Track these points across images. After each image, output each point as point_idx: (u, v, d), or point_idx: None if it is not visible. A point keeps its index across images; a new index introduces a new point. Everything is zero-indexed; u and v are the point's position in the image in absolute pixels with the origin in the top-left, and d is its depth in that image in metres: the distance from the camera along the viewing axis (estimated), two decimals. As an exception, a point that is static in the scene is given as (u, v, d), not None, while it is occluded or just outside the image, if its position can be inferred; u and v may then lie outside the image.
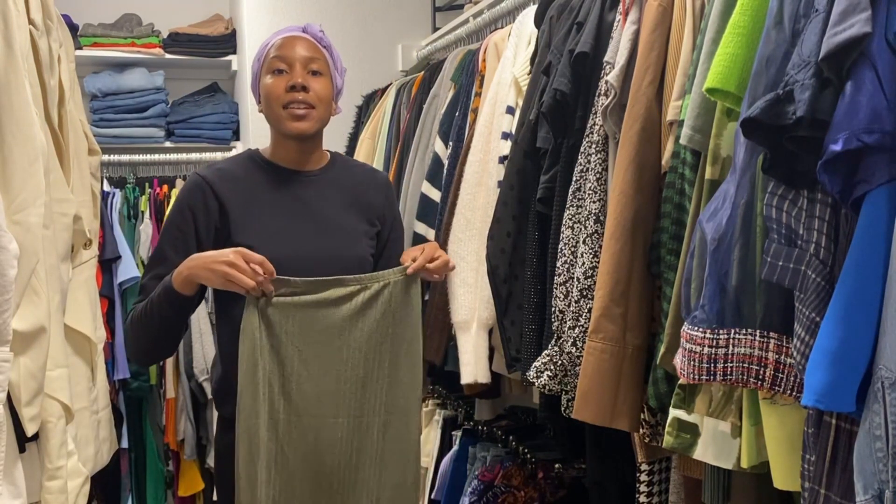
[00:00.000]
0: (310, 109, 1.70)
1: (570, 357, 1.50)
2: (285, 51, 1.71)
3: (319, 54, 1.74)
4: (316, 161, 1.80)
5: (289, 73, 1.70)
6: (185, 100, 3.49)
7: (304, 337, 1.64)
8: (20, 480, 1.29)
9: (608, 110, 1.47)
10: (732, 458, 1.22)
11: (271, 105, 1.71)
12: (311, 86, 1.70)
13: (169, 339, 1.72)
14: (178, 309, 1.64)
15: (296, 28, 1.78)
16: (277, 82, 1.70)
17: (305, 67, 1.71)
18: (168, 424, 3.19)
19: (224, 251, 1.57)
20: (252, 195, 1.73)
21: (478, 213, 1.92)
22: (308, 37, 1.76)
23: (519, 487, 2.11)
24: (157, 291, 1.63)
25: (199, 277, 1.58)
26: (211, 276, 1.56)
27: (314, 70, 1.72)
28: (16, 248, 1.21)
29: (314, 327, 1.65)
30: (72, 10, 3.03)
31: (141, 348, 1.74)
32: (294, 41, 1.73)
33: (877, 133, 0.87)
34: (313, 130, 1.73)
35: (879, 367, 0.88)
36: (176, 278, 1.59)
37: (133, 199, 3.25)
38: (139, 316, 1.66)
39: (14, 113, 1.27)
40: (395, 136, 2.68)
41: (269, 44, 1.76)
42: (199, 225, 1.70)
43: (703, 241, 1.11)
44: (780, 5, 1.04)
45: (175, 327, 1.70)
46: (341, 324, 1.66)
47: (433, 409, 2.66)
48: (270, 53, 1.73)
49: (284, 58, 1.71)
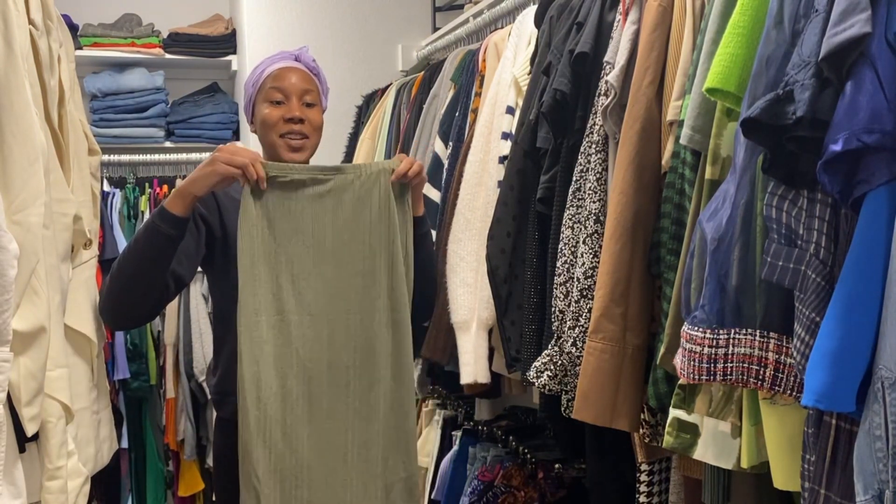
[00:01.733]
0: (304, 140, 1.81)
1: (570, 357, 1.50)
2: (282, 82, 1.81)
3: (313, 85, 1.85)
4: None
5: (286, 104, 1.80)
6: (185, 100, 3.49)
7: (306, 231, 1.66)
8: (20, 480, 1.29)
9: (608, 110, 1.47)
10: (732, 458, 1.22)
11: (268, 133, 1.81)
12: (307, 116, 1.81)
13: (147, 285, 1.64)
14: (163, 241, 1.60)
15: (289, 56, 1.87)
16: (274, 112, 1.80)
17: (301, 99, 1.82)
18: (168, 424, 3.19)
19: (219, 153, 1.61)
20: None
21: (478, 213, 1.92)
22: (302, 67, 1.86)
23: (519, 487, 2.11)
24: (144, 222, 1.63)
25: (194, 185, 1.60)
26: (203, 176, 1.60)
27: (308, 102, 1.83)
28: (16, 248, 1.21)
29: (317, 220, 1.66)
30: (72, 10, 3.03)
31: (114, 296, 1.65)
32: (290, 72, 1.83)
33: (877, 133, 0.87)
34: (307, 159, 1.84)
35: (879, 367, 0.88)
36: (169, 197, 1.62)
37: (133, 199, 3.25)
38: (117, 263, 1.65)
39: (14, 113, 1.27)
40: (395, 137, 2.68)
41: (263, 71, 1.85)
42: (202, 216, 1.75)
43: (703, 241, 1.11)
44: (780, 5, 1.04)
45: (152, 270, 1.62)
46: (344, 214, 1.68)
47: (433, 409, 2.66)
48: (267, 83, 1.82)
49: (281, 89, 1.80)
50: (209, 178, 1.61)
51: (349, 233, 1.67)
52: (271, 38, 3.28)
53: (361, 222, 1.68)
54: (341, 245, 1.67)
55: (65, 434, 1.41)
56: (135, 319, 1.83)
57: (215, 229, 1.77)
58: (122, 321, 1.90)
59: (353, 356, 1.68)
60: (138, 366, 3.05)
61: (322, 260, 1.66)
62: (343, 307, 1.68)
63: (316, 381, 1.66)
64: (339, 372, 1.67)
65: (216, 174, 1.60)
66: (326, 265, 1.67)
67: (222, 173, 1.60)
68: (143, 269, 1.62)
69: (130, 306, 1.67)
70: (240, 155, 1.61)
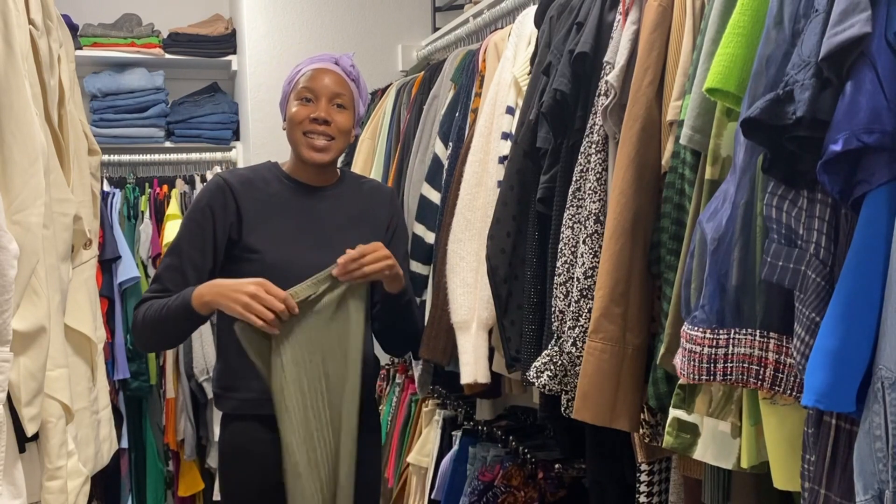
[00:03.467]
0: (329, 141, 1.81)
1: (570, 357, 1.50)
2: (314, 82, 1.81)
3: (346, 89, 1.84)
4: (329, 178, 1.91)
5: (314, 104, 1.81)
6: (185, 100, 3.49)
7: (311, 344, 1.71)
8: (20, 480, 1.29)
9: (608, 110, 1.47)
10: (732, 458, 1.22)
11: (293, 129, 1.82)
12: (334, 119, 1.81)
13: (177, 340, 1.94)
14: (192, 322, 1.74)
15: (329, 58, 1.87)
16: (302, 110, 1.80)
17: (331, 101, 1.81)
18: (168, 424, 3.19)
19: (246, 281, 1.64)
20: (266, 203, 1.82)
21: (478, 214, 1.92)
22: (339, 70, 1.85)
23: (519, 487, 2.11)
24: (175, 301, 1.70)
25: (220, 305, 1.66)
26: (231, 304, 1.63)
27: (339, 104, 1.82)
28: (16, 248, 1.21)
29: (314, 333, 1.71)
30: (72, 10, 3.03)
31: (148, 342, 1.89)
32: (324, 74, 1.82)
33: (877, 133, 0.87)
34: (329, 161, 1.84)
35: (879, 367, 0.88)
36: (196, 299, 1.67)
37: (133, 199, 3.25)
38: (153, 315, 1.73)
39: (14, 113, 1.27)
40: (395, 137, 2.68)
41: (300, 70, 1.86)
42: (217, 224, 1.78)
43: (703, 241, 1.11)
44: (780, 5, 1.04)
45: (186, 333, 1.86)
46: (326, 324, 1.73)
47: (433, 409, 2.66)
48: (300, 82, 1.83)
49: (312, 89, 1.81)
50: (236, 307, 1.63)
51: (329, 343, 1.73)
52: (271, 38, 3.28)
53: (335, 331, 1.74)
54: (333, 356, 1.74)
55: (65, 434, 1.41)
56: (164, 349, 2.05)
57: (232, 233, 1.79)
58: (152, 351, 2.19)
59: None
60: (138, 366, 3.05)
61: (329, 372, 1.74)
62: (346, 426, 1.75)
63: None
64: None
65: (242, 311, 1.62)
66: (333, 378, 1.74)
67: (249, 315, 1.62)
68: (172, 336, 1.84)
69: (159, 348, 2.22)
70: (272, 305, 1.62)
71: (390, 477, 2.80)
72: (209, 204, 1.79)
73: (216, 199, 1.79)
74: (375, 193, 1.97)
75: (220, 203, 1.78)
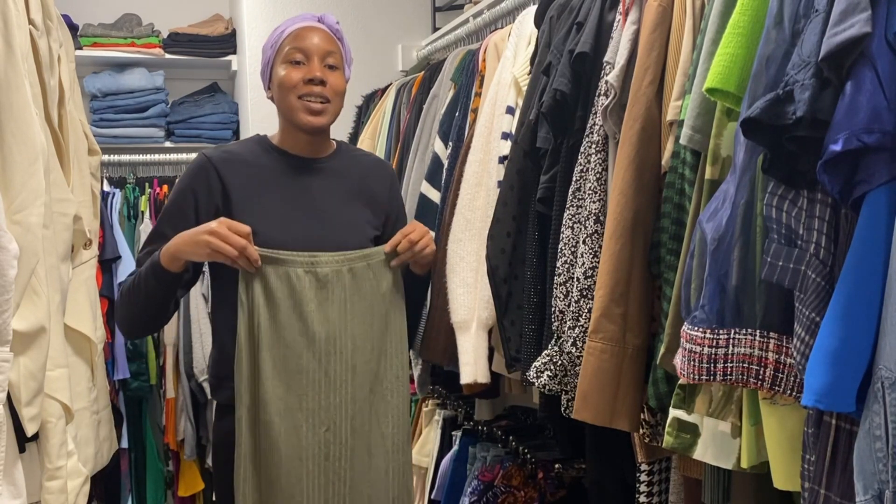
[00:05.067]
0: (326, 104, 1.71)
1: (570, 357, 1.50)
2: (302, 42, 1.70)
3: (335, 47, 1.74)
4: (323, 149, 1.80)
5: (306, 66, 1.69)
6: (185, 100, 3.49)
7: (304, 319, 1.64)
8: (20, 480, 1.29)
9: (608, 110, 1.47)
10: (732, 459, 1.22)
11: (286, 95, 1.70)
12: (328, 79, 1.70)
13: (156, 313, 1.71)
14: (165, 285, 1.64)
15: (311, 17, 1.76)
16: (293, 73, 1.68)
17: (323, 60, 1.70)
18: (168, 424, 3.19)
19: (209, 223, 1.58)
20: (257, 179, 1.73)
21: (478, 213, 1.92)
22: (325, 28, 1.74)
23: (519, 487, 2.11)
24: (145, 266, 1.65)
25: (185, 252, 1.59)
26: (196, 248, 1.58)
27: (330, 64, 1.72)
28: (16, 248, 1.21)
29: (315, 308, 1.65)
30: (72, 10, 3.03)
31: (127, 320, 1.74)
32: (311, 32, 1.71)
33: (877, 133, 0.87)
34: (327, 125, 1.74)
35: (879, 367, 0.88)
36: (164, 254, 1.61)
37: (133, 200, 3.25)
38: (127, 289, 1.68)
39: (14, 113, 1.27)
40: (395, 137, 2.68)
41: (283, 31, 1.73)
42: (200, 206, 1.69)
43: (703, 241, 1.11)
44: (780, 5, 1.04)
45: (162, 303, 1.69)
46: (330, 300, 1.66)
47: (433, 409, 2.66)
48: (286, 44, 1.71)
49: (302, 49, 1.69)
50: (201, 249, 1.58)
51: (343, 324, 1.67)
52: (271, 38, 3.27)
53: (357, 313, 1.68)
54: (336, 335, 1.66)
55: (65, 434, 1.41)
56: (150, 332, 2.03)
57: (220, 214, 1.69)
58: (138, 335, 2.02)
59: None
60: (138, 366, 3.05)
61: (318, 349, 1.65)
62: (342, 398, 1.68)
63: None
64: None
65: (209, 250, 1.57)
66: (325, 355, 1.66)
67: (215, 250, 1.57)
68: (148, 308, 1.69)
69: (143, 328, 1.83)
70: (233, 240, 1.57)
71: (390, 477, 2.80)
72: (191, 185, 1.70)
73: (199, 179, 1.70)
74: (375, 169, 1.87)
75: (204, 184, 1.70)
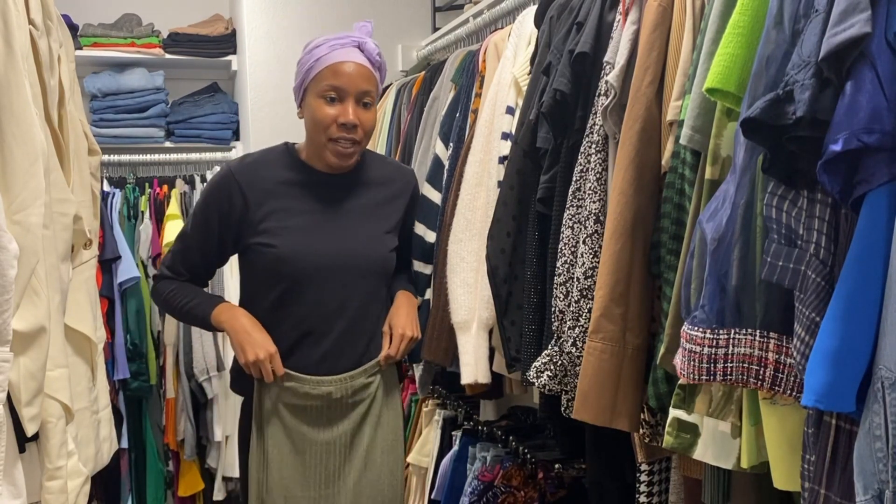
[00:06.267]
0: (356, 146, 1.72)
1: (570, 357, 1.50)
2: (340, 80, 1.67)
3: (372, 84, 1.72)
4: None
5: (340, 105, 1.69)
6: (185, 100, 3.49)
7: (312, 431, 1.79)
8: (20, 480, 1.29)
9: (608, 110, 1.47)
10: (732, 459, 1.22)
11: (317, 132, 1.71)
12: (361, 120, 1.70)
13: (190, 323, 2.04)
14: (203, 327, 1.87)
15: (350, 42, 1.71)
16: (328, 110, 1.68)
17: (359, 101, 1.70)
18: (168, 424, 3.19)
19: (262, 341, 1.72)
20: (279, 193, 1.76)
21: (478, 214, 1.92)
22: (364, 61, 1.71)
23: (519, 487, 2.11)
24: (197, 305, 1.81)
25: (230, 338, 1.76)
26: (239, 350, 1.74)
27: (366, 102, 1.71)
28: (16, 248, 1.21)
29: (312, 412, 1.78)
30: (72, 10, 3.03)
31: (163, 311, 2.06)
32: (350, 68, 1.68)
33: (877, 133, 0.87)
34: (354, 163, 1.77)
35: (879, 367, 0.88)
36: (216, 317, 1.78)
37: (133, 199, 3.25)
38: (173, 304, 1.84)
39: (14, 113, 1.27)
40: (396, 137, 2.68)
41: (321, 58, 1.69)
42: (223, 219, 1.77)
43: (703, 241, 1.11)
44: (780, 5, 1.04)
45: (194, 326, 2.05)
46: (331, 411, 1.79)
47: (433, 409, 2.66)
48: (323, 77, 1.68)
49: (338, 88, 1.67)
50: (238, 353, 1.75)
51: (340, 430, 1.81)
52: (271, 38, 3.28)
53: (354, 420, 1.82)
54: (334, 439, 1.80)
55: (65, 434, 1.41)
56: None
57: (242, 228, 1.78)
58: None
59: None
60: (138, 366, 3.05)
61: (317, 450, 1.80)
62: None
63: None
64: None
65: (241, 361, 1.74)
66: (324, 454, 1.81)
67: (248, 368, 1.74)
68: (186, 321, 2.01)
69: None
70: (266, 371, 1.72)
71: (390, 477, 2.80)
72: (214, 201, 1.77)
73: (221, 196, 1.75)
74: (398, 176, 1.91)
75: (226, 200, 1.75)
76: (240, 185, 1.74)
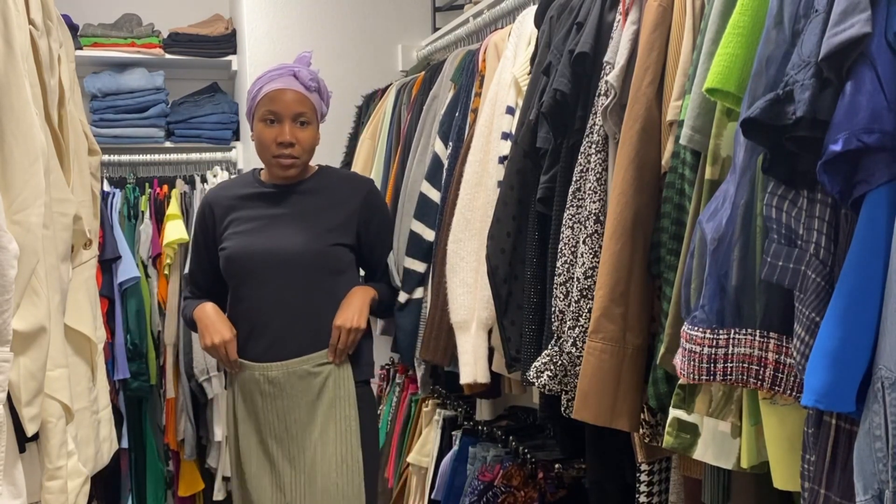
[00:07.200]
0: (295, 160, 1.97)
1: (570, 357, 1.50)
2: (275, 105, 1.93)
3: (307, 105, 1.96)
4: (300, 176, 2.06)
5: (278, 126, 1.94)
6: (185, 100, 3.48)
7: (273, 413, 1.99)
8: (20, 480, 1.29)
9: (608, 110, 1.47)
10: (732, 458, 1.22)
11: (262, 150, 1.99)
12: (298, 137, 1.95)
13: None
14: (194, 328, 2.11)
15: (287, 72, 1.96)
16: (268, 132, 1.95)
17: (295, 120, 1.95)
18: (168, 424, 3.19)
19: (220, 328, 2.00)
20: (237, 205, 2.05)
21: (477, 213, 1.92)
22: (298, 87, 1.95)
23: (519, 487, 2.11)
24: (188, 311, 2.11)
25: (198, 327, 2.04)
26: (200, 336, 2.03)
27: (302, 121, 1.95)
28: (16, 248, 1.21)
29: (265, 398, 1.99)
30: (72, 10, 3.04)
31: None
32: (284, 94, 1.93)
33: (877, 133, 0.87)
34: (298, 174, 2.03)
35: (879, 367, 0.88)
36: (195, 313, 2.06)
37: (133, 199, 3.24)
38: (184, 319, 2.18)
39: (14, 113, 1.27)
40: (396, 137, 2.68)
41: (261, 89, 1.96)
42: (207, 237, 2.09)
43: (703, 241, 1.11)
44: (780, 5, 1.04)
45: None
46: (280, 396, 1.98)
47: (433, 409, 2.66)
48: (263, 103, 1.95)
49: (274, 112, 1.94)
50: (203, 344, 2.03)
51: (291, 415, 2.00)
52: (271, 38, 3.28)
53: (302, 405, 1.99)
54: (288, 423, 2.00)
55: (65, 434, 1.41)
56: None
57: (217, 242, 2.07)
58: None
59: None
60: (138, 366, 3.05)
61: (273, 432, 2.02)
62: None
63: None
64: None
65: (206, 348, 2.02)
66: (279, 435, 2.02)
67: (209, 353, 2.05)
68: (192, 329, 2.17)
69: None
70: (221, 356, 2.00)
71: (390, 477, 2.80)
72: (198, 222, 2.10)
73: (200, 218, 2.09)
74: (348, 182, 2.12)
75: (203, 222, 2.08)
76: (210, 206, 2.07)
